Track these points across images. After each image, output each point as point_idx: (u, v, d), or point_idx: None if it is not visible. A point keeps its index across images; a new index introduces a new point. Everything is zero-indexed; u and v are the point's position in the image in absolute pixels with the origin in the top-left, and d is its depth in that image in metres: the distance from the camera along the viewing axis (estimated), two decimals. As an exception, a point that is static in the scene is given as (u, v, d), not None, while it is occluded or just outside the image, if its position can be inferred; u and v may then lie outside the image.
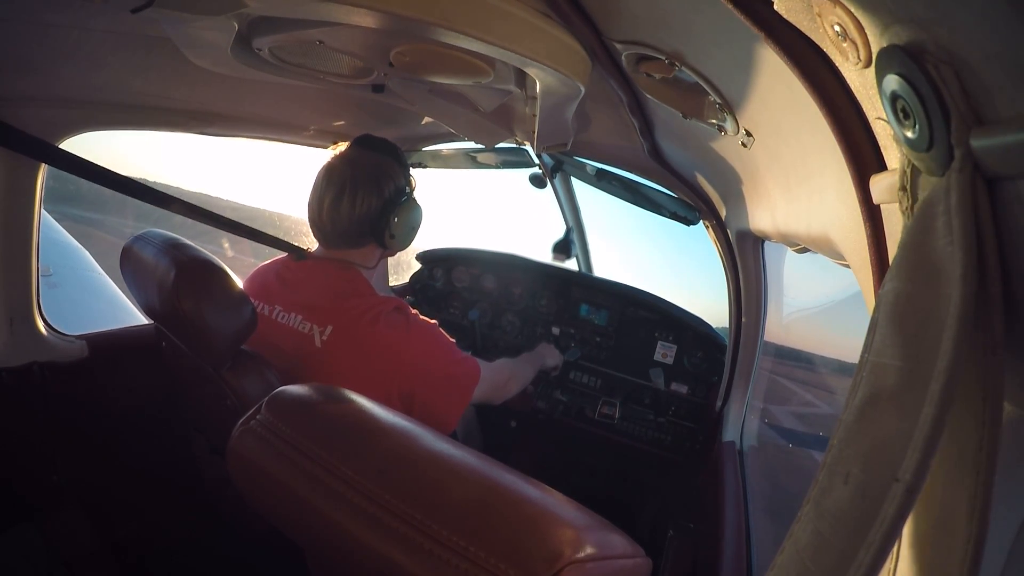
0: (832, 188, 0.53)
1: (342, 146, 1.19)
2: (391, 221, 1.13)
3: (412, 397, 1.08)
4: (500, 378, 1.36)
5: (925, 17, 0.27)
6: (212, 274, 0.95)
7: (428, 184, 1.28)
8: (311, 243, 1.26)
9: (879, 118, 0.38)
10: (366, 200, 1.10)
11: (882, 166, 0.43)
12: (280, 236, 1.32)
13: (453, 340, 1.18)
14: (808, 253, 0.91)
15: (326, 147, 1.66)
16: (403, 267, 2.44)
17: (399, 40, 0.81)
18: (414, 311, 1.14)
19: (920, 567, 0.30)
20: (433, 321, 1.15)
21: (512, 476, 0.48)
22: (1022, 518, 0.33)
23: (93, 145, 1.21)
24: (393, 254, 1.28)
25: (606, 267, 2.48)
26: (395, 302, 1.12)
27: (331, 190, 1.11)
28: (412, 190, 1.19)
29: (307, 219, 1.17)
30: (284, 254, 1.27)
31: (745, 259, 1.36)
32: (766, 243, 1.31)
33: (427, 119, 1.58)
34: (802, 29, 0.40)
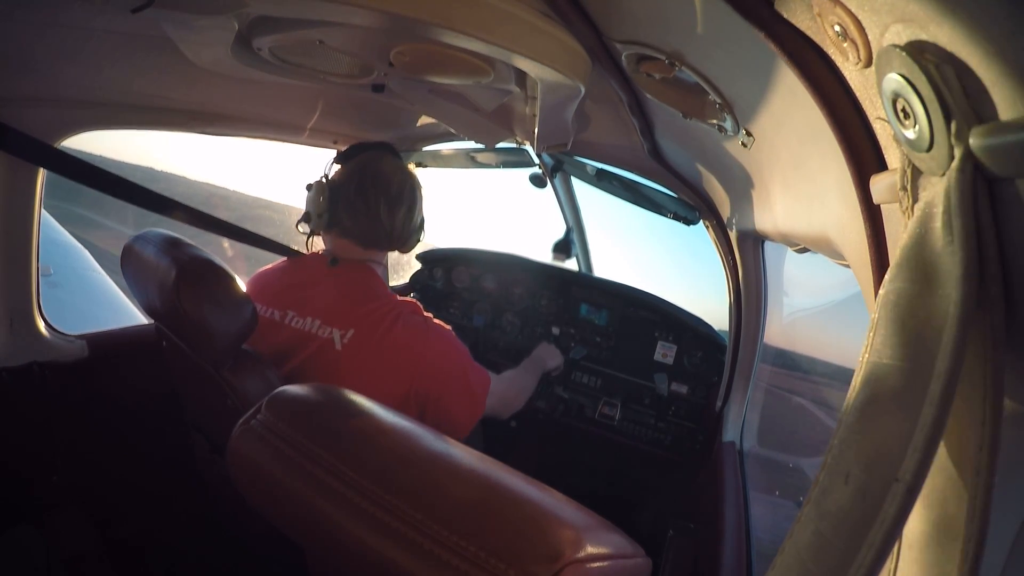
0: (832, 188, 0.53)
1: (345, 146, 1.21)
2: (408, 224, 1.18)
3: (427, 400, 1.08)
4: (508, 392, 1.38)
5: (926, 17, 0.27)
6: (213, 274, 0.95)
7: (428, 184, 1.29)
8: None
9: (879, 118, 0.38)
10: (397, 205, 1.15)
11: (882, 166, 0.43)
12: (284, 229, 1.33)
13: (466, 347, 1.19)
14: (808, 253, 0.91)
15: (326, 147, 1.66)
16: (404, 267, 2.44)
17: (399, 40, 0.81)
18: (429, 314, 1.15)
19: (920, 567, 0.30)
20: (448, 327, 1.16)
21: (512, 476, 0.48)
22: (1022, 518, 0.33)
23: (101, 137, 1.22)
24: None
25: (606, 267, 2.47)
26: (412, 305, 1.13)
27: (362, 191, 1.16)
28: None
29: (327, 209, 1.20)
30: (284, 258, 1.27)
31: (745, 259, 1.35)
32: (766, 243, 1.31)
33: (427, 119, 1.58)
34: (802, 29, 0.40)
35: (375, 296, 1.12)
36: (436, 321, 1.14)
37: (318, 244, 1.25)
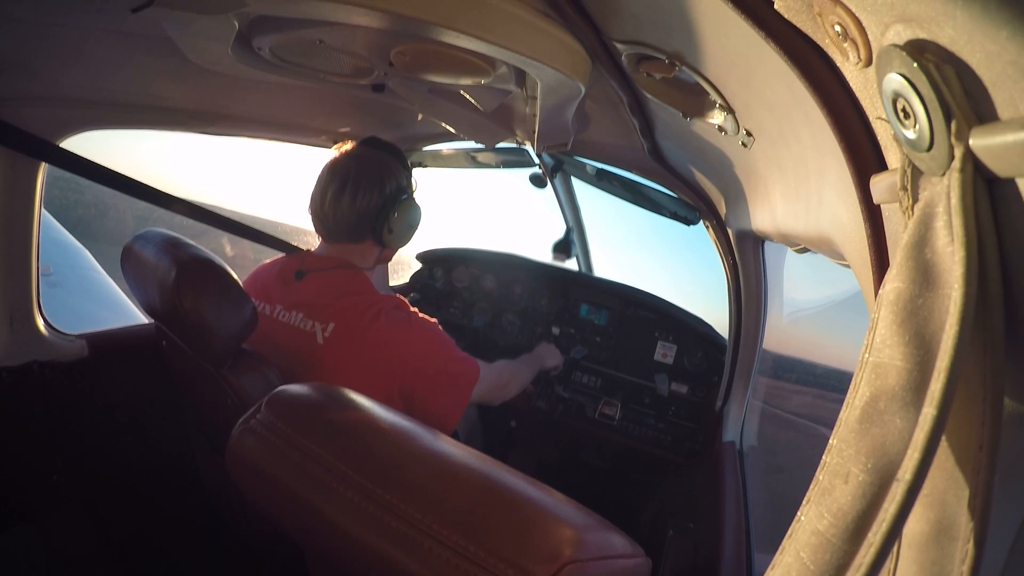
0: (832, 188, 0.53)
1: (347, 145, 1.21)
2: (391, 216, 1.15)
3: (412, 394, 1.08)
4: (499, 380, 1.37)
5: (926, 17, 0.27)
6: (213, 273, 0.95)
7: (428, 184, 1.29)
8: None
9: (879, 118, 0.38)
10: (367, 194, 1.13)
11: (882, 166, 0.43)
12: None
13: (452, 340, 1.19)
14: (808, 253, 0.91)
15: (327, 147, 1.66)
16: (404, 267, 2.44)
17: (399, 40, 0.81)
18: (414, 309, 1.15)
19: (920, 567, 0.30)
20: (433, 320, 1.16)
21: (512, 476, 0.48)
22: (1022, 518, 0.33)
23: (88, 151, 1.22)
24: (390, 257, 1.29)
25: (606, 267, 2.46)
26: (396, 300, 1.13)
27: (334, 183, 1.14)
28: (413, 191, 1.21)
29: (309, 212, 1.19)
30: (283, 254, 1.27)
31: (745, 259, 1.35)
32: (766, 243, 1.31)
33: (427, 119, 1.58)
34: (802, 29, 0.40)
35: (357, 291, 1.12)
36: (421, 315, 1.14)
37: (315, 241, 1.25)
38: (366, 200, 1.13)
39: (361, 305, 1.08)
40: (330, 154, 1.20)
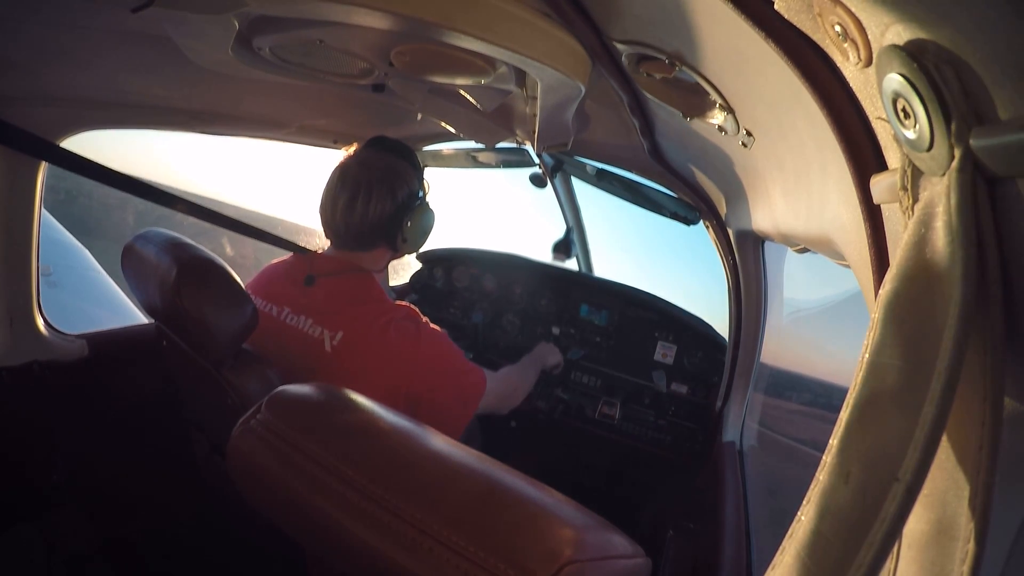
0: (832, 188, 0.53)
1: (355, 146, 1.19)
2: (404, 225, 1.13)
3: (419, 405, 1.08)
4: (506, 389, 1.37)
5: (926, 17, 0.27)
6: (213, 273, 0.95)
7: (428, 184, 1.28)
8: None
9: (879, 118, 0.38)
10: (380, 203, 1.10)
11: (882, 166, 0.43)
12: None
13: (461, 351, 1.19)
14: (808, 253, 0.91)
15: (326, 147, 1.66)
16: (404, 267, 2.44)
17: (399, 40, 0.81)
18: (425, 319, 1.14)
19: (920, 567, 0.30)
20: (442, 331, 1.15)
21: (512, 476, 0.48)
22: (1022, 518, 0.33)
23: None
24: (402, 256, 1.28)
25: (606, 267, 2.46)
26: (406, 309, 1.12)
27: (345, 192, 1.11)
28: (425, 194, 1.19)
29: (319, 219, 1.17)
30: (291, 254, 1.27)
31: (745, 259, 1.36)
32: (766, 243, 1.31)
33: (427, 119, 1.58)
34: (802, 29, 0.40)
35: (368, 299, 1.11)
36: (431, 326, 1.13)
37: (326, 243, 1.24)
38: (378, 210, 1.10)
39: (371, 314, 1.07)
40: (330, 153, 1.19)
